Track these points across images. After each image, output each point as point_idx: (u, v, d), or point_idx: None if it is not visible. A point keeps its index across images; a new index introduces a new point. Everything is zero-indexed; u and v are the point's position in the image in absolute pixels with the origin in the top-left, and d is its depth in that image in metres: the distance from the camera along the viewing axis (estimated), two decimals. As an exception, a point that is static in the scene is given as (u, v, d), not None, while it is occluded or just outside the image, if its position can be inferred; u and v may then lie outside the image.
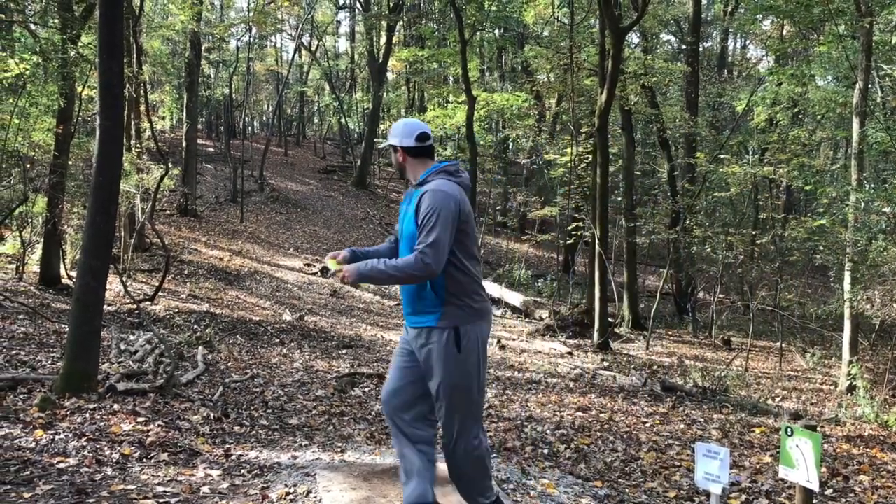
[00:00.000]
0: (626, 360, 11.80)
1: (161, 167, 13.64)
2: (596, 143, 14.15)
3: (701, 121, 20.00)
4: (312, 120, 55.05)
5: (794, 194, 26.00)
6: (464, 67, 17.44)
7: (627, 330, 16.10)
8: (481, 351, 3.11)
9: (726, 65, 30.43)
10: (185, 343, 8.15)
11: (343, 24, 48.64)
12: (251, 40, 34.25)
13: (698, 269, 18.92)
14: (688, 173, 18.65)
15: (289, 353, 8.82)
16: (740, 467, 5.32)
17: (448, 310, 3.07)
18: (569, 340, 13.29)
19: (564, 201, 20.76)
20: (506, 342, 12.14)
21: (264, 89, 47.43)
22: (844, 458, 5.86)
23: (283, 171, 34.42)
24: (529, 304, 16.58)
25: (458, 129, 24.74)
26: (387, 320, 13.83)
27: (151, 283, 12.90)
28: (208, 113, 40.88)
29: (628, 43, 20.15)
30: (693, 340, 15.59)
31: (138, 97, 15.70)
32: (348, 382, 7.29)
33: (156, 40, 23.81)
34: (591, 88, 19.77)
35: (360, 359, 9.02)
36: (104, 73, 5.37)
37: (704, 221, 17.57)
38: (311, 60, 43.54)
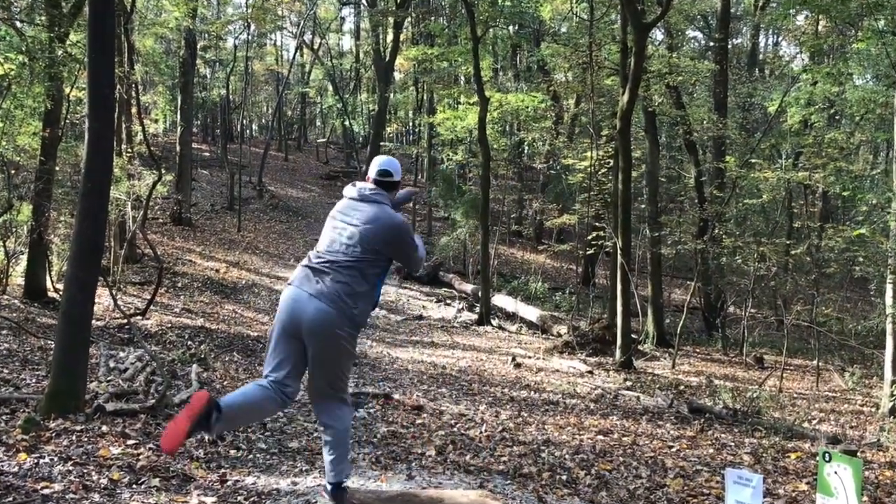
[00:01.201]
0: (650, 379, 11.74)
1: (153, 173, 13.72)
2: (617, 147, 14.14)
3: (730, 123, 19.97)
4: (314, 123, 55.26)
5: (830, 201, 25.87)
6: (476, 66, 17.47)
7: (652, 347, 16.03)
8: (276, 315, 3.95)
9: (757, 63, 30.41)
10: (179, 360, 8.16)
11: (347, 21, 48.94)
12: (250, 38, 34.44)
13: (728, 282, 18.83)
14: (716, 179, 18.60)
15: (289, 372, 8.80)
16: (774, 495, 5.27)
17: None
18: (589, 358, 13.24)
19: (584, 209, 20.74)
20: (521, 360, 12.10)
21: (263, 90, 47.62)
22: (887, 486, 5.80)
23: (283, 178, 34.56)
24: (546, 318, 16.54)
25: (469, 132, 24.76)
26: (394, 336, 13.83)
27: (143, 296, 12.95)
28: (204, 115, 41.13)
29: (652, 40, 20.17)
30: (723, 358, 15.50)
31: (130, 98, 15.82)
32: (353, 403, 7.28)
33: (148, 38, 23.98)
34: (612, 88, 19.77)
35: (364, 377, 9.02)
36: (94, 72, 5.40)
37: (734, 230, 17.50)
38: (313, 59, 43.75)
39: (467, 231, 22.21)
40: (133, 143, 16.39)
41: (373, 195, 4.02)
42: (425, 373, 9.96)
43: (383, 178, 4.12)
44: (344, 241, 3.90)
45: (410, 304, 17.93)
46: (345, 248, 3.88)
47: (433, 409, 7.47)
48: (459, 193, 24.15)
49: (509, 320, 17.36)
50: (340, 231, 3.95)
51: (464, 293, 19.73)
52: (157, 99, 32.84)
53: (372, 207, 3.97)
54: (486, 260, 17.19)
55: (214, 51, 36.37)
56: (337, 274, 3.82)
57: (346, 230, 3.93)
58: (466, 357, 12.09)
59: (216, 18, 32.11)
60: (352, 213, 3.98)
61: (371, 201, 3.99)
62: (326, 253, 3.92)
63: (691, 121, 18.84)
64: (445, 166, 30.17)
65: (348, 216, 3.98)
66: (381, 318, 15.70)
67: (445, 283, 20.87)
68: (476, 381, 9.63)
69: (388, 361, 10.71)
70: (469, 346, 13.58)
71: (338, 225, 3.98)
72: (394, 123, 46.10)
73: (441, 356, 11.95)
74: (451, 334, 14.86)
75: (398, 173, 4.20)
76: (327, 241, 3.96)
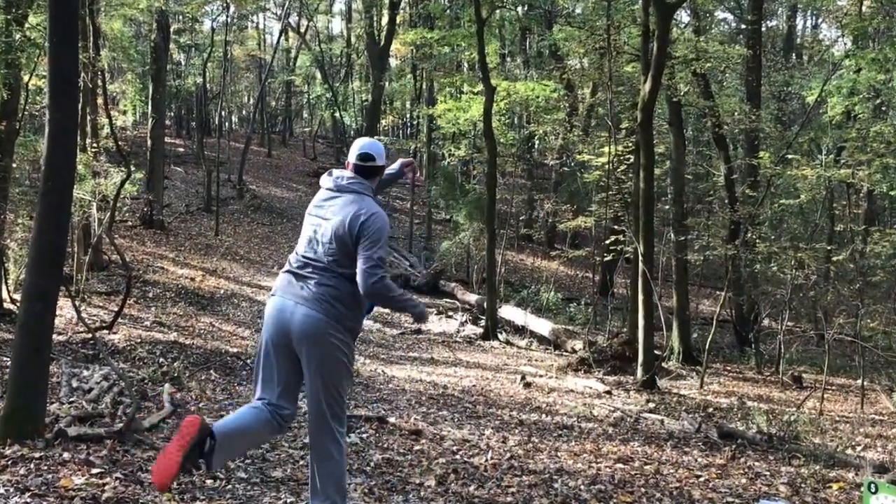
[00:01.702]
0: (675, 400, 11.72)
1: (122, 170, 13.73)
2: (638, 142, 14.14)
3: (764, 114, 19.98)
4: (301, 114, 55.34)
5: (876, 202, 25.85)
6: (481, 52, 17.49)
7: (677, 364, 16.01)
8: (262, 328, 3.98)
9: (794, 47, 30.47)
10: (149, 379, 8.16)
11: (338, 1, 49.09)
12: (229, 20, 34.51)
13: (762, 292, 18.81)
14: (749, 177, 18.60)
15: (272, 392, 8.79)
16: (815, 531, 5.25)
17: None
18: (607, 377, 13.22)
19: (601, 210, 20.72)
20: (531, 379, 12.09)
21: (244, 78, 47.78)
22: (941, 520, 5.77)
23: (267, 175, 34.62)
24: (560, 333, 16.53)
25: (473, 125, 24.81)
26: (389, 352, 13.82)
27: (109, 307, 12.95)
28: (178, 106, 41.25)
29: (677, 22, 20.19)
30: (756, 377, 15.48)
31: (95, 87, 15.85)
32: (343, 427, 7.27)
33: (116, 21, 24.03)
34: (632, 76, 19.78)
35: (356, 398, 9.01)
36: (56, 59, 5.41)
37: (769, 234, 17.48)
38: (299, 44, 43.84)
39: (471, 235, 22.22)
40: (99, 137, 16.41)
41: (350, 185, 3.98)
42: (424, 393, 9.95)
43: (364, 164, 4.07)
44: (321, 239, 3.91)
45: (407, 317, 17.90)
46: (324, 248, 3.88)
47: (433, 433, 7.46)
48: (462, 193, 24.18)
49: (518, 334, 17.35)
50: (316, 228, 3.96)
51: (467, 304, 19.73)
52: (126, 88, 32.91)
53: (348, 199, 3.94)
54: (491, 267, 17.19)
55: (190, 34, 36.49)
56: (320, 277, 3.83)
57: (321, 227, 3.94)
58: (470, 375, 12.08)
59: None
60: (327, 207, 3.98)
61: (349, 191, 3.97)
62: (306, 255, 3.93)
63: (721, 112, 18.83)
64: (447, 163, 30.22)
65: (323, 210, 3.98)
66: (374, 332, 15.69)
67: (447, 293, 20.87)
68: (481, 403, 9.61)
69: (382, 380, 10.70)
70: (473, 363, 13.57)
71: (314, 221, 4.00)
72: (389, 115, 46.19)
73: (442, 374, 11.94)
74: (453, 350, 14.85)
75: (382, 157, 4.14)
76: (306, 241, 3.99)
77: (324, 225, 3.90)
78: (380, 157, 4.10)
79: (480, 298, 18.98)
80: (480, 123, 20.51)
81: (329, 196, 3.99)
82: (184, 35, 35.76)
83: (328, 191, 4.02)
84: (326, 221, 3.90)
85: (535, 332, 17.10)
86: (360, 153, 4.07)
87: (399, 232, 28.61)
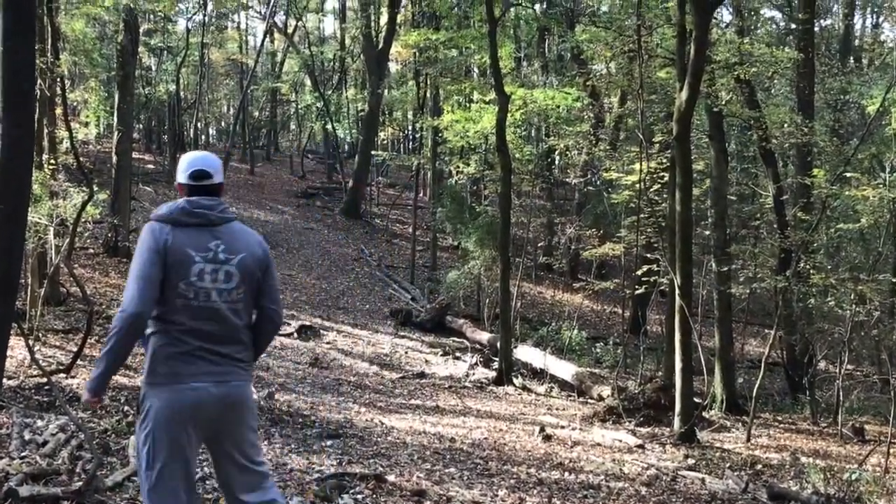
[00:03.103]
0: (718, 456, 11.66)
1: (83, 190, 13.78)
2: (674, 157, 14.15)
3: (818, 126, 19.99)
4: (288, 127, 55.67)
5: (948, 227, 25.81)
6: (493, 55, 17.57)
7: (720, 414, 15.92)
8: (158, 432, 3.70)
9: (852, 50, 30.56)
10: (113, 431, 8.14)
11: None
12: (206, 19, 34.85)
13: (818, 330, 18.74)
14: (801, 198, 18.58)
15: (253, 446, 8.77)
16: None
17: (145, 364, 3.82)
18: (639, 429, 13.15)
19: (631, 236, 20.74)
20: (552, 430, 12.03)
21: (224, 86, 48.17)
22: None
23: (248, 196, 34.75)
24: (584, 377, 16.47)
25: (485, 138, 24.89)
26: (387, 399, 13.78)
27: (68, 347, 12.95)
28: (148, 117, 41.50)
29: (717, 21, 20.28)
30: (812, 429, 15.38)
31: (54, 96, 15.94)
32: (335, 487, 7.24)
33: (78, 20, 24.25)
34: (666, 83, 19.85)
35: (350, 453, 8.98)
36: (9, 63, 5.46)
37: (825, 264, 17.44)
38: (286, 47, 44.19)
39: (482, 264, 22.22)
40: (57, 152, 16.49)
41: (225, 211, 3.90)
42: (428, 447, 9.91)
43: (201, 183, 3.90)
44: (222, 287, 3.79)
45: (409, 358, 17.89)
46: (227, 295, 3.81)
47: (439, 494, 7.43)
48: (472, 216, 24.21)
49: (536, 379, 17.29)
50: (212, 275, 3.77)
51: (478, 344, 19.68)
52: (89, 97, 33.05)
53: (235, 227, 3.91)
54: (506, 301, 17.16)
55: (162, 36, 36.78)
56: (231, 341, 3.87)
57: (218, 273, 3.78)
58: (482, 426, 12.03)
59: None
60: (215, 248, 3.80)
61: (230, 219, 3.89)
62: (204, 319, 3.78)
63: (768, 124, 18.86)
64: (454, 181, 30.29)
65: (211, 252, 3.79)
66: (371, 375, 15.66)
67: (454, 331, 20.83)
68: (494, 459, 9.57)
69: (380, 432, 10.66)
70: (485, 412, 13.52)
71: (202, 269, 3.75)
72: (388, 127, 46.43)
73: (449, 425, 11.90)
74: (462, 397, 14.80)
75: (220, 173, 4.00)
76: (194, 300, 3.75)
77: (221, 269, 3.77)
78: (217, 174, 3.96)
79: (493, 337, 18.94)
80: (492, 136, 20.57)
81: (208, 234, 3.81)
82: (155, 36, 36.07)
83: (202, 228, 3.80)
84: (223, 265, 3.78)
85: (556, 376, 17.03)
86: (195, 171, 3.90)
87: (399, 260, 28.66)
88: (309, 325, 18.50)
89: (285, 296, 21.43)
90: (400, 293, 24.20)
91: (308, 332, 18.13)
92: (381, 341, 18.59)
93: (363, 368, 16.07)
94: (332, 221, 32.63)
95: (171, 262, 3.70)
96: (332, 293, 23.07)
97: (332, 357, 16.39)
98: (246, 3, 40.75)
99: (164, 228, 3.75)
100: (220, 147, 42.39)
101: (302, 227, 30.78)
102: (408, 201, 35.95)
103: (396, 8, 32.67)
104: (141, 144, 40.01)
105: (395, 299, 23.51)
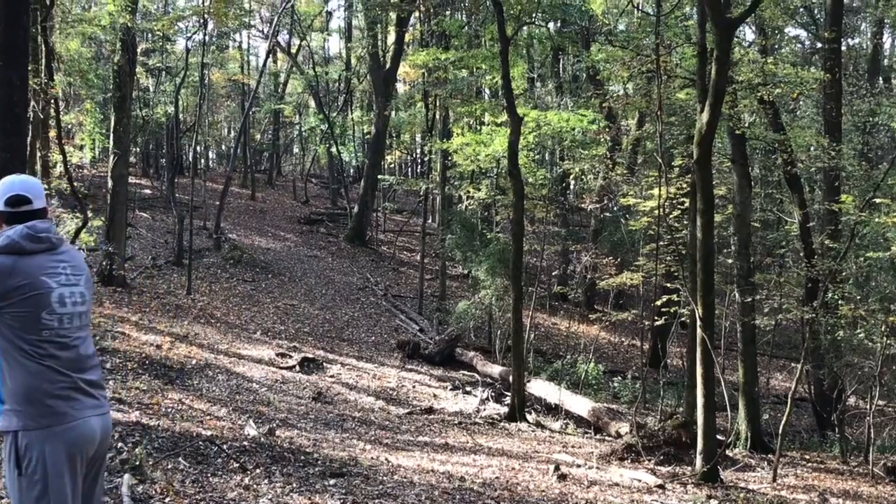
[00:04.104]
0: (743, 496, 11.59)
1: (77, 217, 13.85)
2: (695, 182, 14.16)
3: (846, 149, 19.99)
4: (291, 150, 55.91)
5: (984, 255, 25.74)
6: (505, 76, 17.64)
7: (745, 452, 15.84)
8: (56, 481, 3.58)
9: (881, 70, 30.61)
10: (106, 469, 8.12)
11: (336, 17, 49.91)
12: (207, 39, 35.07)
13: (847, 364, 18.66)
14: (829, 225, 18.57)
15: (253, 485, 8.76)
16: None
17: (7, 412, 3.63)
18: (659, 467, 13.10)
19: (650, 265, 20.70)
20: (567, 469, 11.98)
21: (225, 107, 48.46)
22: None
23: (250, 222, 34.84)
24: (601, 413, 16.41)
25: (496, 162, 24.94)
26: (394, 436, 13.74)
27: (59, 381, 12.94)
28: (145, 141, 41.73)
29: (739, 40, 20.32)
30: (841, 468, 15.28)
31: (47, 118, 16.07)
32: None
33: (73, 40, 24.46)
34: (686, 104, 19.90)
35: (354, 493, 8.95)
36: (2, 85, 5.49)
37: (854, 294, 17.37)
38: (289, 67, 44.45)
39: (494, 293, 22.21)
40: (50, 176, 16.60)
41: (60, 236, 3.93)
42: (437, 486, 9.87)
43: (19, 209, 3.84)
44: (80, 309, 3.87)
45: (417, 393, 17.86)
46: (82, 319, 3.89)
47: (448, 536, 7.38)
48: (483, 243, 24.22)
49: (550, 415, 17.23)
50: (71, 299, 3.81)
51: (489, 377, 19.65)
52: (84, 119, 33.35)
53: (72, 254, 3.94)
54: (518, 333, 17.13)
55: (160, 56, 37.03)
56: (92, 360, 3.92)
57: (74, 294, 3.84)
58: (493, 465, 11.99)
59: (163, 14, 32.72)
60: (63, 269, 3.83)
61: (62, 240, 3.92)
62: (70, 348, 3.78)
63: (793, 147, 18.88)
64: (464, 207, 30.35)
65: (59, 277, 3.80)
66: (377, 410, 15.62)
67: (464, 364, 20.80)
68: (506, 499, 9.53)
69: (386, 471, 10.62)
70: (496, 449, 13.47)
71: (62, 295, 3.76)
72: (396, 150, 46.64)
73: (458, 463, 11.86)
74: (473, 434, 14.76)
75: (41, 198, 3.94)
76: (59, 328, 3.74)
77: (76, 292, 3.82)
78: (38, 199, 3.88)
79: (505, 371, 18.90)
80: (504, 160, 20.62)
81: (55, 257, 3.82)
82: (153, 57, 36.31)
83: (48, 252, 3.81)
84: (75, 287, 3.83)
85: (572, 411, 16.98)
86: (12, 196, 3.83)
87: (407, 290, 28.67)
88: (312, 358, 18.48)
89: (287, 326, 21.45)
90: (407, 324, 24.18)
91: (311, 364, 18.11)
92: (388, 375, 18.56)
93: (368, 403, 16.03)
94: (336, 249, 32.68)
95: (28, 293, 3.65)
96: (337, 324, 23.06)
97: (336, 391, 16.35)
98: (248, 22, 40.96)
99: (7, 260, 3.67)
100: (220, 171, 42.62)
101: (305, 254, 30.82)
102: (415, 228, 36.04)
103: (404, 27, 32.85)
104: (138, 169, 40.26)
105: (402, 330, 23.49)
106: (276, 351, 18.67)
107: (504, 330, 21.68)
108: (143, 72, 34.62)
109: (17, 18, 5.59)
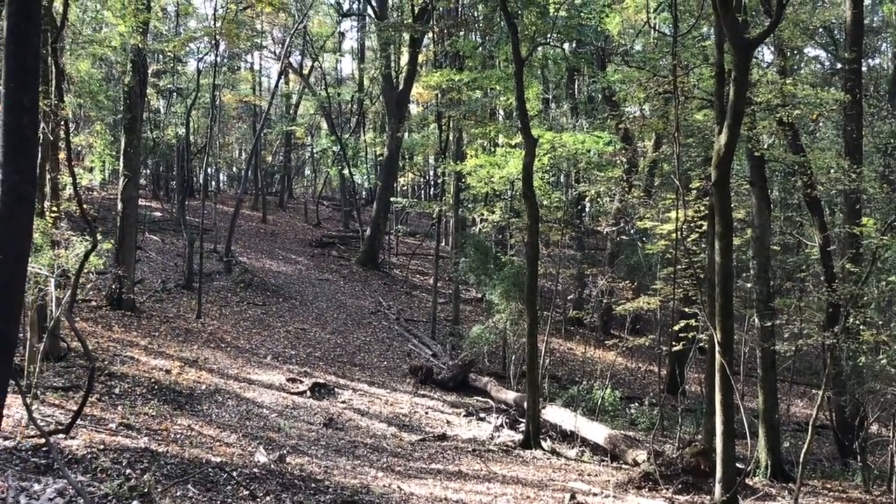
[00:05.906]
0: (763, 526, 11.52)
1: (86, 239, 13.88)
2: (713, 205, 14.13)
3: (867, 172, 19.93)
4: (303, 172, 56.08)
5: None
6: (520, 97, 17.68)
7: (765, 480, 15.75)
8: None
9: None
10: (114, 495, 8.12)
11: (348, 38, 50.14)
12: (218, 60, 35.26)
13: (869, 391, 18.53)
14: (850, 248, 18.49)
15: (263, 512, 8.74)
16: None
17: None
18: (678, 496, 13.03)
19: (667, 289, 20.65)
20: (583, 498, 11.93)
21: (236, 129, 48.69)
22: None
23: (261, 245, 34.92)
24: (618, 440, 16.33)
25: (510, 184, 24.98)
26: (406, 463, 13.70)
27: (68, 406, 12.97)
28: (155, 162, 41.97)
29: (758, 61, 20.35)
30: (863, 497, 15.18)
31: (57, 140, 16.14)
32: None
33: (84, 61, 24.61)
34: (704, 126, 19.89)
35: (366, 521, 8.92)
36: (12, 107, 5.52)
37: (876, 319, 17.28)
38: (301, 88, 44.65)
39: (508, 318, 22.18)
40: (60, 199, 16.65)
41: None
42: (450, 515, 9.83)
43: None
44: None
45: (430, 419, 17.82)
46: None
47: (461, 566, 7.35)
48: (497, 266, 24.20)
49: (566, 442, 17.16)
50: None
51: (503, 404, 19.59)
52: (94, 140, 33.46)
53: None
54: (533, 358, 17.09)
55: (171, 77, 37.24)
56: None
57: None
58: (507, 494, 11.95)
59: (174, 35, 32.92)
60: None
61: None
62: None
63: (813, 169, 18.84)
64: (478, 230, 30.37)
65: None
66: (389, 437, 15.59)
67: (478, 390, 20.76)
68: (521, 528, 9.48)
69: (398, 499, 10.59)
70: (511, 477, 13.42)
71: None
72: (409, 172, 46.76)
73: (472, 492, 11.82)
74: (487, 461, 14.71)
75: None
76: None
77: None
78: None
79: (520, 397, 18.84)
80: (519, 182, 20.64)
81: None
82: (164, 78, 36.53)
83: None
84: None
85: (588, 439, 16.90)
86: None
87: (419, 314, 28.64)
88: (323, 383, 18.48)
89: (298, 351, 21.44)
90: (420, 349, 24.15)
91: (322, 390, 18.10)
92: (400, 400, 18.53)
93: (380, 430, 16.00)
94: (348, 272, 32.71)
95: None
96: (348, 349, 23.06)
97: (348, 417, 16.32)
98: (260, 44, 41.22)
99: None
100: (231, 193, 42.76)
101: (316, 278, 30.85)
102: (429, 251, 36.05)
103: (418, 48, 32.95)
104: (148, 191, 40.45)
105: (414, 355, 23.46)
106: (286, 376, 18.67)
107: (518, 355, 21.64)
108: (154, 93, 34.89)
109: (28, 40, 5.62)
